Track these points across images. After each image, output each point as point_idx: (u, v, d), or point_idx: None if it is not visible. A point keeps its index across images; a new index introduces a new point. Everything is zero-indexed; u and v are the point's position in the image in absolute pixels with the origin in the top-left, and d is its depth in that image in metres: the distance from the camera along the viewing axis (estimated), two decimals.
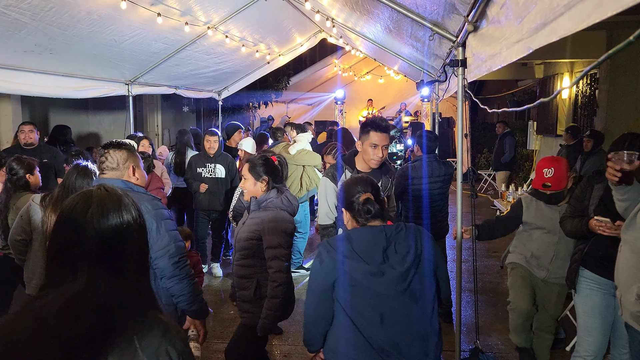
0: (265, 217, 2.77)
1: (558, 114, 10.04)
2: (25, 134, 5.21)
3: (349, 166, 3.25)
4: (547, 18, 1.40)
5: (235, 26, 6.30)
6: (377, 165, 3.17)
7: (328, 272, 2.06)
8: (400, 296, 2.02)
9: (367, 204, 2.10)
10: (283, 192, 2.92)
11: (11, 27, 4.07)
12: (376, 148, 3.09)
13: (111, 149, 2.52)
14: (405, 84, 13.54)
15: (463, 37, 2.92)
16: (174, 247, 2.44)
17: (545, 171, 3.41)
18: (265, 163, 2.91)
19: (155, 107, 10.80)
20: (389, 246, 2.04)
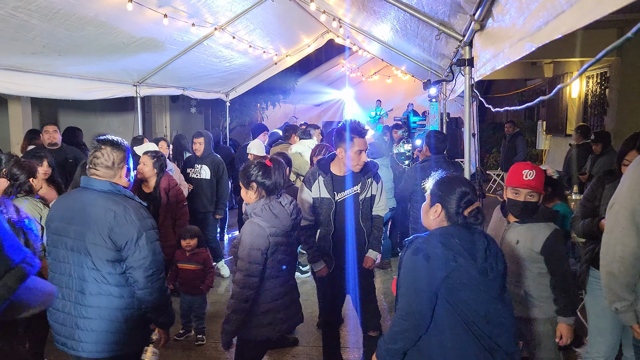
0: (244, 228, 2.65)
1: (568, 114, 9.95)
2: (50, 134, 5.36)
3: (322, 171, 3.34)
4: (549, 16, 1.38)
5: (242, 27, 6.31)
6: (360, 169, 3.29)
7: (438, 269, 1.95)
8: (498, 294, 2.01)
9: (479, 213, 2.05)
10: (269, 201, 2.67)
11: (20, 28, 4.10)
12: (361, 154, 3.21)
13: (109, 147, 2.47)
14: (413, 83, 13.49)
15: (470, 36, 2.90)
16: (151, 260, 2.39)
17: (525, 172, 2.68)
18: (255, 169, 2.68)
19: (164, 108, 10.85)
20: (488, 246, 2.00)
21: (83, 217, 2.35)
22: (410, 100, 15.30)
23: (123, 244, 2.33)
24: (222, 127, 10.98)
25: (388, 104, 15.75)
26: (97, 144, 2.49)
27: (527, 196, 2.66)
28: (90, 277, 2.36)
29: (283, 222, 2.66)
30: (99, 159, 2.43)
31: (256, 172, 2.67)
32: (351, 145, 3.19)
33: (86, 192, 2.41)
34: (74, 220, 2.36)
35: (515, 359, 2.07)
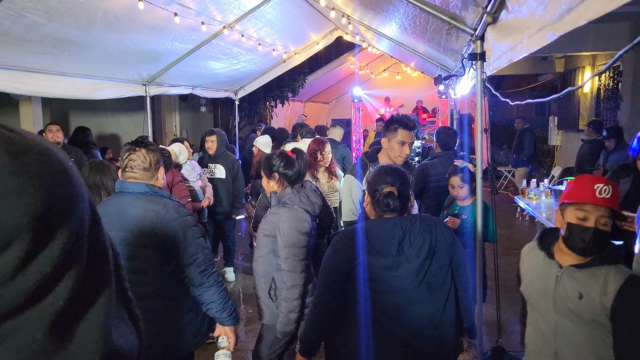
0: (282, 214, 2.69)
1: (580, 108, 9.83)
2: (53, 134, 5.46)
3: (371, 163, 3.29)
4: (572, 3, 1.34)
5: (251, 25, 6.30)
6: (403, 162, 3.22)
7: (342, 262, 2.06)
8: (416, 289, 2.01)
9: (388, 197, 2.07)
10: (303, 189, 2.80)
11: (30, 29, 4.12)
12: (404, 145, 3.17)
13: (143, 149, 2.44)
14: (422, 80, 13.40)
15: (481, 30, 2.86)
16: (201, 256, 2.38)
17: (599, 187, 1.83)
18: (277, 159, 2.80)
19: (173, 107, 10.88)
20: (404, 239, 2.02)
21: (122, 220, 2.30)
22: (420, 97, 15.21)
23: (169, 243, 2.30)
24: (231, 125, 10.99)
25: (397, 100, 15.67)
26: (130, 147, 2.46)
27: (600, 221, 1.81)
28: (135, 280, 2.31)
29: (316, 208, 2.78)
30: (135, 161, 2.40)
31: (278, 163, 2.76)
32: (394, 135, 3.18)
33: (122, 196, 2.37)
34: (114, 226, 2.30)
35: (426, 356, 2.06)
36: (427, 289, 2.02)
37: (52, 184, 0.50)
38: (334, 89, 15.66)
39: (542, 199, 5.87)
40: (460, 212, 3.77)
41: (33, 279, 0.48)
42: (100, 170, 3.08)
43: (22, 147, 0.50)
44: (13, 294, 0.47)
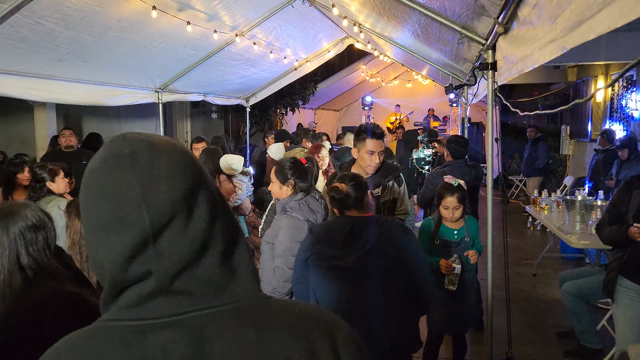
0: (281, 220, 2.70)
1: (592, 118, 9.75)
2: (67, 138, 5.64)
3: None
4: (583, 16, 1.34)
5: (262, 33, 6.34)
6: (374, 171, 3.26)
7: (303, 251, 2.28)
8: (357, 282, 2.14)
9: (332, 191, 2.28)
10: (309, 197, 2.82)
11: (46, 36, 4.19)
12: (372, 155, 3.19)
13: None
14: (433, 88, 13.39)
15: (493, 40, 2.86)
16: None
17: None
18: (292, 166, 2.82)
19: (185, 114, 10.97)
20: (354, 234, 2.17)
21: None
22: (431, 105, 15.20)
23: None
24: (242, 132, 11.03)
25: (408, 108, 15.66)
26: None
27: None
28: None
29: (318, 217, 2.80)
30: None
31: (293, 171, 2.81)
32: (363, 145, 3.21)
33: None
34: None
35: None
36: (368, 284, 2.13)
37: (191, 164, 0.74)
38: (345, 97, 15.69)
39: (553, 209, 5.82)
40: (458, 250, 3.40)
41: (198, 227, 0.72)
42: None
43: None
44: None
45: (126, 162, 0.70)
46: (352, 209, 2.28)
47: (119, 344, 0.69)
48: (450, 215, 3.34)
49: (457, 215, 3.34)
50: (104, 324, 0.73)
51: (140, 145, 0.72)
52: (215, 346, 0.69)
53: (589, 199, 5.32)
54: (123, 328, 0.70)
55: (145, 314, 0.70)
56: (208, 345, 0.69)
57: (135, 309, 0.70)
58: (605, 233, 2.93)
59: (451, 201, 3.30)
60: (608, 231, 2.90)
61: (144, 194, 0.68)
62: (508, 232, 3.82)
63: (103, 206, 0.70)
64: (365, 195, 2.32)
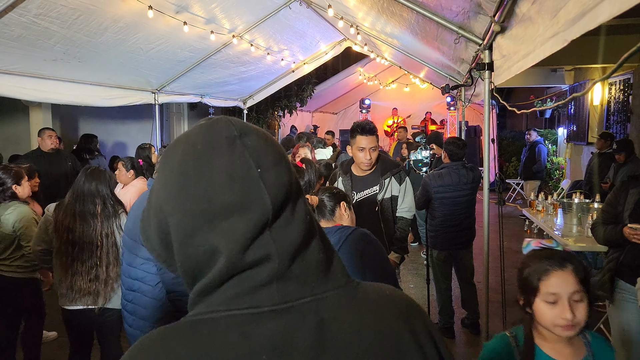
0: None
1: (589, 121, 9.76)
2: (53, 139, 5.52)
3: (342, 171, 3.40)
4: (586, 7, 1.33)
5: (260, 34, 6.33)
6: (367, 167, 3.26)
7: None
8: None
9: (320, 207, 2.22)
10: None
11: (41, 35, 4.17)
12: (363, 151, 3.19)
13: None
14: (431, 92, 13.38)
15: (490, 39, 2.85)
16: None
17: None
18: None
19: (182, 116, 10.94)
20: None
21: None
22: (428, 108, 15.19)
23: None
24: None
25: (405, 111, 15.66)
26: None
27: None
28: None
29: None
30: None
31: None
32: (354, 142, 3.22)
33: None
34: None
35: None
36: None
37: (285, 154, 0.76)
38: (342, 100, 15.68)
39: (550, 211, 5.81)
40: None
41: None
42: (95, 177, 3.00)
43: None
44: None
45: (240, 144, 0.69)
46: (322, 219, 2.23)
47: (236, 336, 0.65)
48: (565, 319, 1.50)
49: (581, 317, 1.52)
50: (208, 315, 0.68)
51: (247, 128, 0.72)
52: (336, 331, 0.68)
53: (585, 201, 5.31)
54: (237, 317, 0.66)
55: (259, 302, 0.67)
56: (328, 330, 0.68)
57: (248, 297, 0.67)
58: (600, 233, 2.90)
59: (562, 284, 1.53)
60: (603, 231, 2.88)
61: (262, 175, 0.68)
62: (505, 236, 3.80)
63: (221, 189, 0.67)
64: (336, 207, 2.24)
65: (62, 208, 3.02)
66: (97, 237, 2.95)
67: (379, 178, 3.31)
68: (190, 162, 0.69)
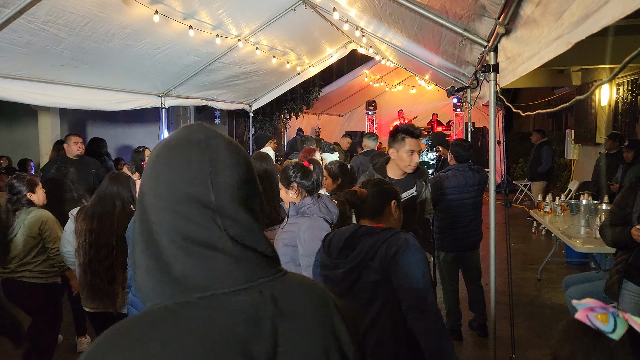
0: (302, 224, 2.66)
1: (597, 122, 9.71)
2: (79, 146, 5.48)
3: (380, 174, 3.28)
4: (589, 9, 1.33)
5: (265, 38, 6.36)
6: (412, 170, 3.25)
7: (315, 258, 2.27)
8: (343, 295, 1.99)
9: (348, 194, 2.19)
10: (321, 199, 2.79)
11: (50, 42, 4.21)
12: (412, 154, 3.18)
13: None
14: (437, 93, 13.37)
15: (495, 41, 2.85)
16: None
17: None
18: (294, 169, 2.80)
19: (188, 119, 11.00)
20: (350, 244, 2.07)
21: None
22: (435, 110, 15.17)
23: None
24: (245, 137, 11.04)
25: (411, 113, 15.65)
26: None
27: None
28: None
29: (334, 217, 2.79)
30: None
31: (295, 173, 2.76)
32: (402, 144, 3.18)
33: None
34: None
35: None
36: (353, 299, 1.99)
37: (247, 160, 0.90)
38: (348, 102, 15.68)
39: (558, 213, 5.78)
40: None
41: None
42: (119, 181, 3.16)
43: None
44: None
45: (203, 146, 0.84)
46: (365, 217, 2.15)
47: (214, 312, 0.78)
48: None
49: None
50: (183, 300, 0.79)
51: (213, 134, 0.87)
52: (286, 303, 0.84)
53: (593, 202, 5.28)
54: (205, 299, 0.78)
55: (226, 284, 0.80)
56: (280, 303, 0.83)
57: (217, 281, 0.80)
58: (609, 235, 2.89)
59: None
60: (612, 233, 2.87)
61: (211, 174, 0.82)
62: (512, 237, 3.79)
63: (182, 180, 0.82)
64: (385, 205, 2.14)
65: (84, 209, 3.10)
66: (113, 238, 3.00)
67: (413, 181, 3.30)
68: (164, 154, 0.85)
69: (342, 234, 2.12)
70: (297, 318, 0.86)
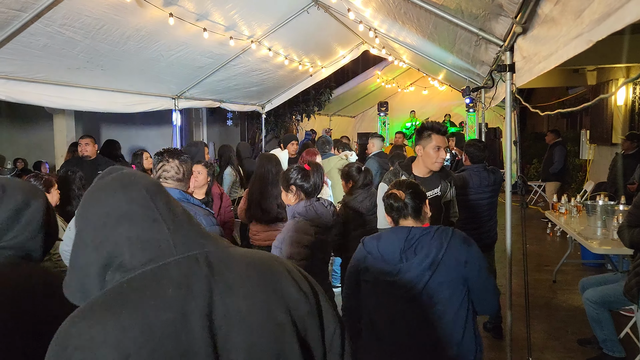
0: (289, 226, 2.71)
1: (613, 122, 9.58)
2: (82, 147, 5.55)
3: (405, 172, 3.28)
4: (611, 7, 1.31)
5: (278, 40, 6.37)
6: (440, 167, 3.23)
7: (354, 265, 2.17)
8: (414, 299, 1.99)
9: (390, 198, 2.15)
10: (316, 202, 2.81)
11: (66, 45, 4.26)
12: (439, 150, 3.16)
13: (177, 160, 2.40)
14: (450, 94, 13.30)
15: (511, 41, 2.82)
16: None
17: None
18: (294, 172, 2.82)
19: (201, 120, 11.05)
20: (410, 247, 2.03)
21: None
22: (447, 111, 15.09)
23: None
24: (257, 139, 11.07)
25: (424, 114, 15.58)
26: (163, 157, 2.41)
27: None
28: None
29: (325, 221, 2.77)
30: (169, 172, 2.38)
31: (295, 176, 2.78)
32: (429, 141, 3.16)
33: None
34: None
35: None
36: (428, 301, 1.99)
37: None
38: (360, 103, 15.64)
39: (573, 214, 5.71)
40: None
41: None
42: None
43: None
44: None
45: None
46: (409, 218, 2.14)
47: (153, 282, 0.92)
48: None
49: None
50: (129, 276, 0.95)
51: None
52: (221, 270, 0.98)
53: (610, 203, 5.21)
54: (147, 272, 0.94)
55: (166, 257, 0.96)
56: (216, 269, 0.97)
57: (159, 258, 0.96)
58: (627, 236, 2.85)
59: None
60: (630, 234, 2.83)
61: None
62: (527, 238, 3.75)
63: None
64: (423, 204, 2.18)
65: None
66: None
67: (439, 180, 3.28)
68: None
69: (393, 240, 2.08)
70: (234, 279, 0.97)
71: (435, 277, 1.98)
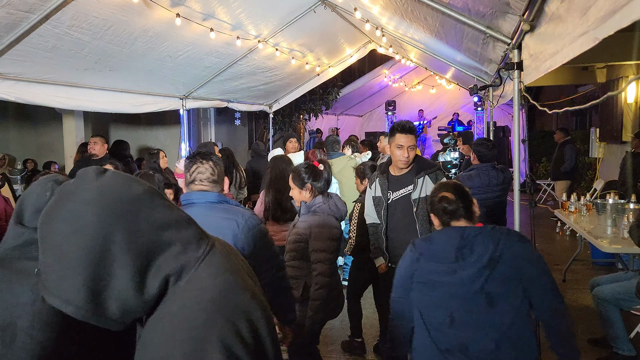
0: (313, 221, 2.84)
1: (623, 120, 9.48)
2: (91, 146, 5.72)
3: (380, 171, 3.46)
4: (617, 5, 1.30)
5: (285, 39, 6.37)
6: (404, 165, 3.29)
7: (406, 268, 2.15)
8: (472, 298, 1.98)
9: (443, 201, 2.14)
10: (331, 198, 2.96)
11: (74, 46, 4.29)
12: (401, 149, 3.23)
13: (210, 161, 2.39)
14: (457, 93, 13.26)
15: (519, 39, 2.80)
16: (278, 261, 2.45)
17: None
18: (306, 170, 2.95)
19: (209, 120, 11.09)
20: (465, 246, 2.02)
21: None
22: (455, 110, 15.03)
23: (253, 250, 2.29)
24: (265, 138, 11.09)
25: (432, 113, 15.52)
26: (197, 159, 2.40)
27: None
28: None
29: (343, 215, 2.95)
30: (204, 174, 2.36)
31: (308, 175, 2.92)
32: (393, 140, 3.27)
33: (192, 208, 2.27)
34: None
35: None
36: (487, 300, 1.97)
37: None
38: (368, 102, 15.63)
39: (583, 212, 5.67)
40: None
41: None
42: (144, 180, 3.20)
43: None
44: None
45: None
46: (461, 219, 2.14)
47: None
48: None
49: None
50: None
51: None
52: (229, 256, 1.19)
53: (620, 202, 5.16)
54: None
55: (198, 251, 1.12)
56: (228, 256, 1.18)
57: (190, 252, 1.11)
58: (638, 235, 2.83)
59: None
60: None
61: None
62: (536, 237, 3.72)
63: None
64: (472, 203, 2.19)
65: None
66: None
67: (414, 177, 3.31)
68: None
69: (446, 240, 2.09)
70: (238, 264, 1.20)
71: (494, 275, 1.97)
